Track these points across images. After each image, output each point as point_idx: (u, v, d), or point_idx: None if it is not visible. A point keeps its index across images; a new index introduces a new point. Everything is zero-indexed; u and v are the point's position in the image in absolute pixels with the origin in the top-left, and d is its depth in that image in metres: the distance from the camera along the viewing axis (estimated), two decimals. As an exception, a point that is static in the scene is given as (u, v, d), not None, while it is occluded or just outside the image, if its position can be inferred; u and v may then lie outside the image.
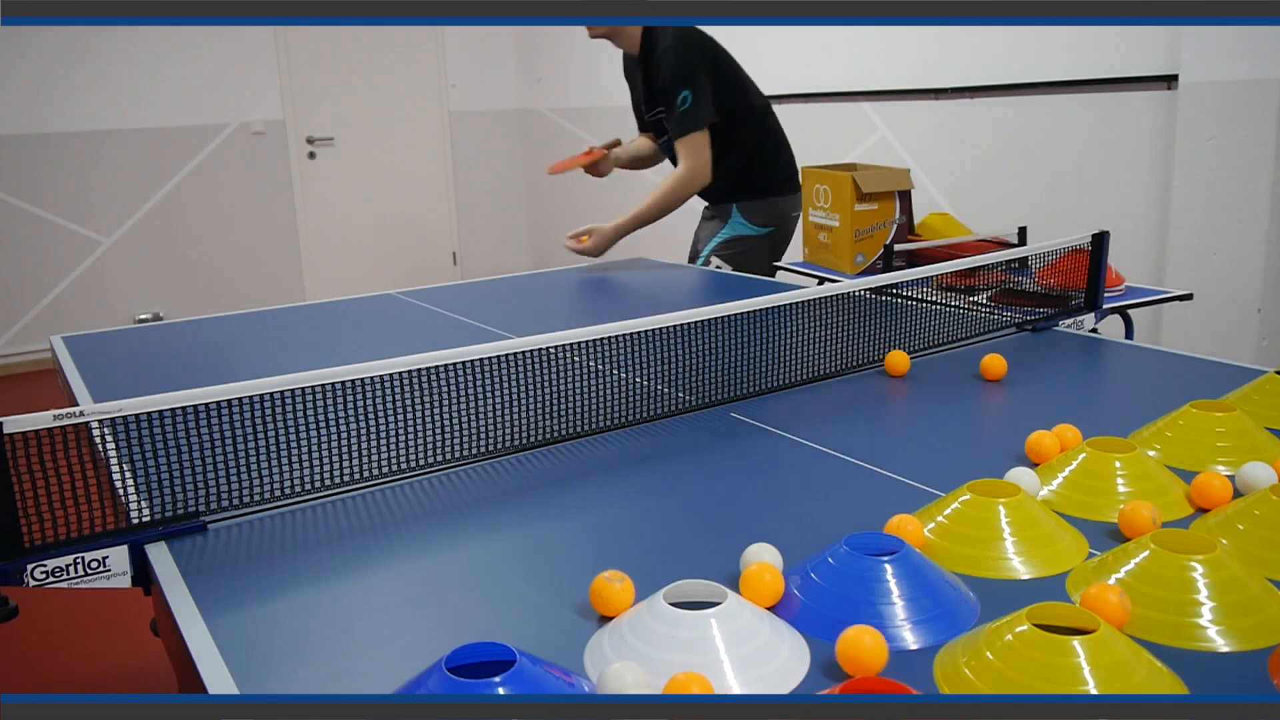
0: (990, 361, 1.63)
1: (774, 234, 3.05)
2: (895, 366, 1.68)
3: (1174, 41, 3.33)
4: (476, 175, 6.90)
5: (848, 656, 0.80)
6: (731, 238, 3.02)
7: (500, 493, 1.25)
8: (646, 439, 1.43)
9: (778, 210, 3.05)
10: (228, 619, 0.96)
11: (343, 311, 2.42)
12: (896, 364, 1.68)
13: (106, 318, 5.65)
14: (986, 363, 1.64)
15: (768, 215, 3.03)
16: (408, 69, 6.55)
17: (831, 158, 3.85)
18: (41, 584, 1.06)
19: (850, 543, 0.93)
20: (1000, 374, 1.62)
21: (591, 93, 6.12)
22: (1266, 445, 1.22)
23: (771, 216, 3.04)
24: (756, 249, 3.01)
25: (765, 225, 3.02)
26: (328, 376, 1.24)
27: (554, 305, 2.46)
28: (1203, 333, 3.36)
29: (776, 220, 3.05)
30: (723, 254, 3.01)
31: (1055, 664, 0.74)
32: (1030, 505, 1.04)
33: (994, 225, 3.68)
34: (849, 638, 0.80)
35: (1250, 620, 0.85)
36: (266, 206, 6.17)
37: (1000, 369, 1.62)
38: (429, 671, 0.76)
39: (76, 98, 5.51)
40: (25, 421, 1.05)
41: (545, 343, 1.40)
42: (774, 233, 3.05)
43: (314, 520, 1.18)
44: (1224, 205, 3.26)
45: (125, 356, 2.05)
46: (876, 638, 0.80)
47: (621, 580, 0.92)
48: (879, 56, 4.34)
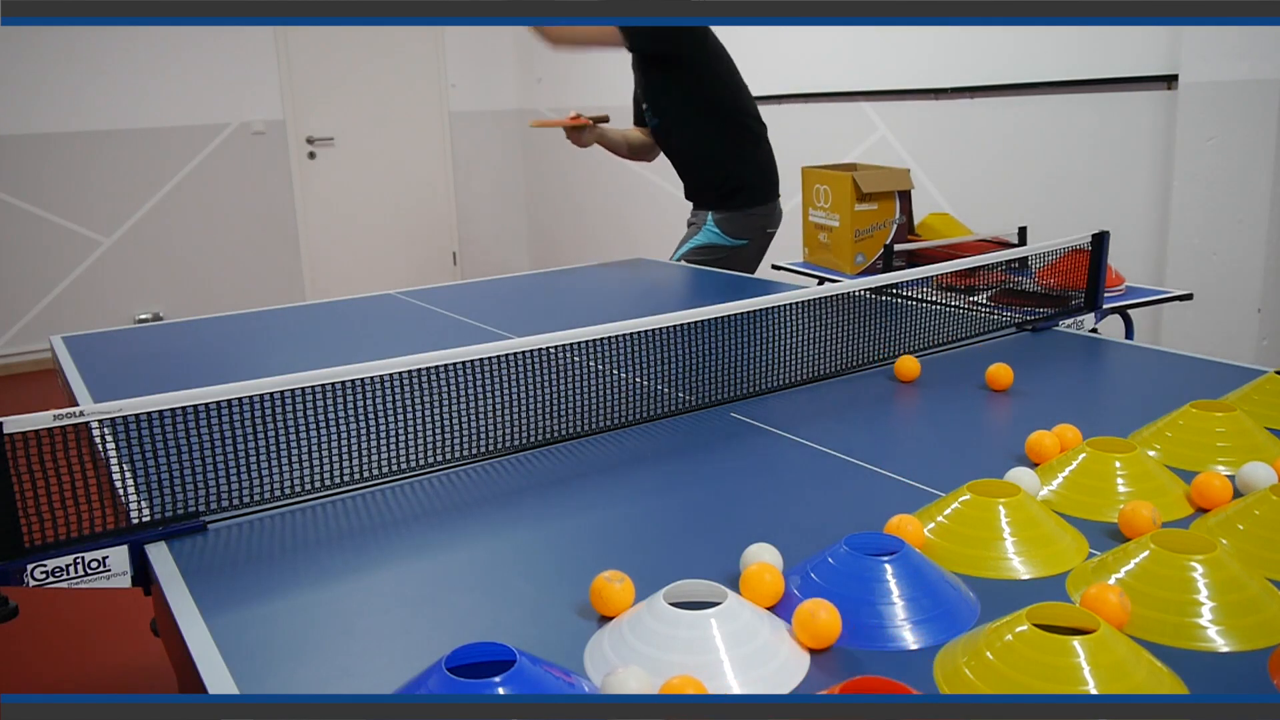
0: (997, 371, 1.58)
1: (746, 248, 3.03)
2: (905, 372, 1.64)
3: (1174, 41, 3.33)
4: (476, 175, 6.90)
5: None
6: (704, 245, 3.02)
7: (500, 493, 1.25)
8: (646, 439, 1.43)
9: (754, 224, 3.03)
10: (228, 619, 0.96)
11: (343, 311, 2.42)
12: (906, 369, 1.64)
13: (106, 318, 5.65)
14: (993, 372, 1.58)
15: (741, 227, 3.01)
16: (408, 69, 6.55)
17: (831, 158, 3.85)
18: (41, 584, 1.06)
19: (850, 543, 0.93)
20: (1006, 384, 1.57)
21: (592, 93, 6.12)
22: (1266, 445, 1.22)
23: (745, 229, 3.01)
24: (725, 261, 2.99)
25: (738, 237, 3.01)
26: (328, 376, 1.24)
27: (554, 305, 2.46)
28: (1203, 333, 3.36)
29: (750, 233, 3.02)
30: (693, 260, 3.01)
31: (1055, 664, 0.74)
32: (1030, 505, 1.04)
33: (994, 225, 3.68)
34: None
35: (1250, 620, 0.85)
36: (266, 206, 6.17)
37: (1006, 379, 1.57)
38: (429, 671, 0.76)
39: (76, 98, 5.51)
40: (25, 421, 1.05)
41: (545, 343, 1.40)
42: (746, 246, 3.02)
43: (314, 520, 1.18)
44: (1224, 205, 3.26)
45: (125, 356, 2.05)
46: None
47: (621, 580, 0.92)
48: (879, 56, 4.33)
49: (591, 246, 6.28)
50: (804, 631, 0.85)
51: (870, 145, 4.44)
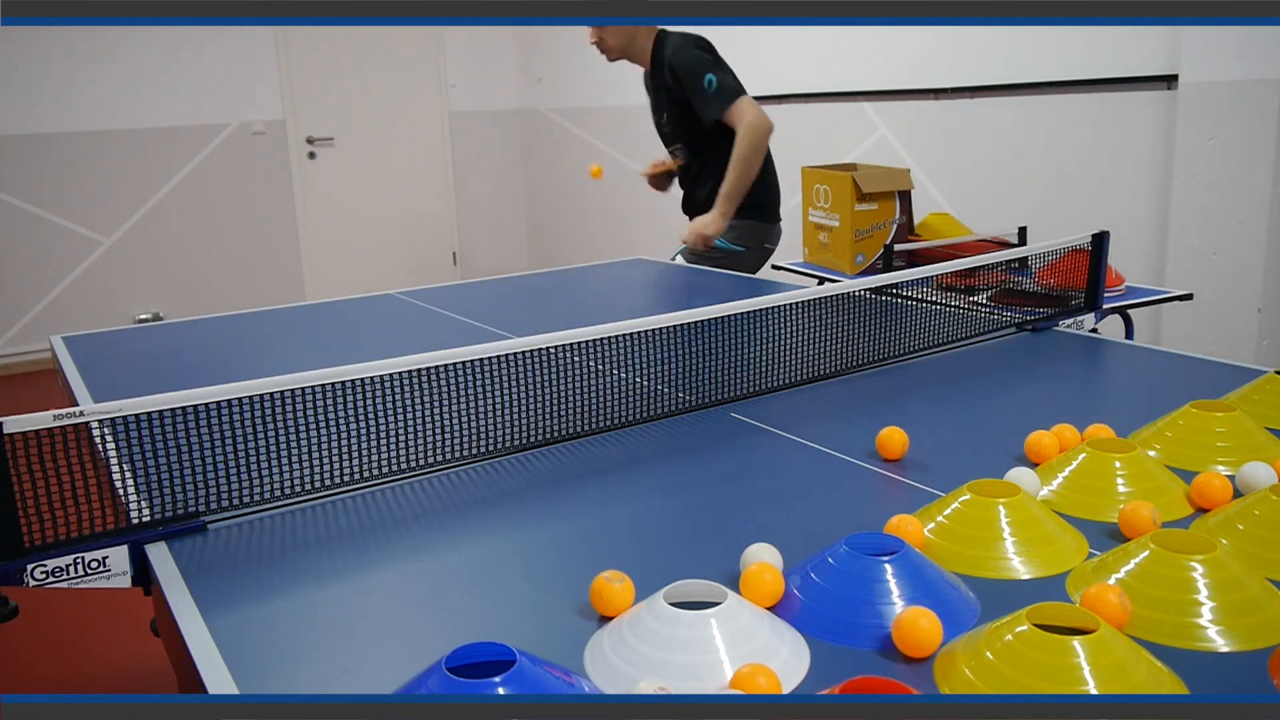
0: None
1: (744, 255, 3.02)
2: (889, 448, 1.31)
3: (1174, 41, 3.33)
4: (476, 175, 6.90)
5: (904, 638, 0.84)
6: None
7: (500, 493, 1.25)
8: (646, 439, 1.43)
9: (755, 235, 3.03)
10: (228, 619, 0.96)
11: (343, 311, 2.42)
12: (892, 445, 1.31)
13: (106, 318, 5.65)
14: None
15: (741, 234, 3.00)
16: (408, 69, 6.55)
17: (831, 158, 3.85)
18: (41, 584, 1.06)
19: (850, 543, 0.93)
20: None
21: (591, 93, 6.12)
22: (1266, 445, 1.22)
23: (744, 236, 3.01)
24: (722, 264, 2.98)
25: (737, 243, 3.00)
26: (328, 376, 1.24)
27: (554, 305, 2.46)
28: (1203, 333, 3.36)
29: (750, 241, 3.02)
30: (691, 257, 3.00)
31: (1055, 664, 0.74)
32: (1030, 505, 1.04)
33: (994, 225, 3.68)
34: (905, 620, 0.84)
35: (1250, 620, 0.85)
36: (266, 206, 6.17)
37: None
38: (429, 671, 0.76)
39: (76, 98, 5.51)
40: (25, 421, 1.05)
41: (545, 343, 1.40)
42: (745, 253, 3.02)
43: (314, 520, 1.18)
44: (1224, 205, 3.26)
45: (125, 356, 2.05)
46: (932, 619, 0.83)
47: (621, 580, 0.92)
48: (879, 56, 4.33)
49: (591, 246, 6.28)
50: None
51: (870, 145, 4.43)
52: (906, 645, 0.83)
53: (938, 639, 0.83)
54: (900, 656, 0.84)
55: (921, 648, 0.83)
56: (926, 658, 0.83)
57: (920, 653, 0.83)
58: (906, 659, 0.84)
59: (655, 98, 3.10)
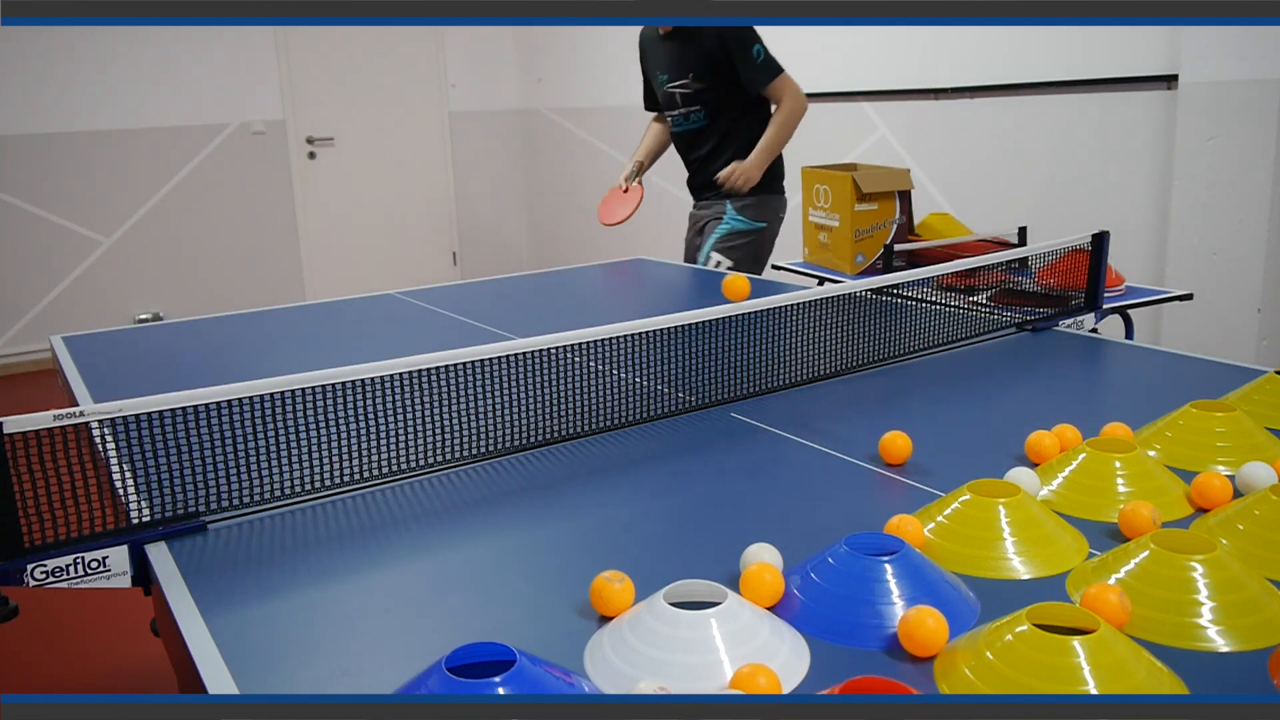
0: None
1: (765, 230, 3.08)
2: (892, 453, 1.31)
3: (1174, 41, 3.33)
4: (476, 175, 6.90)
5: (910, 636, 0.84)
6: (729, 232, 3.05)
7: (500, 493, 1.25)
8: (647, 439, 1.43)
9: (769, 207, 3.08)
10: (228, 619, 0.96)
11: (343, 311, 2.42)
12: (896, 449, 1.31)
13: (106, 318, 5.64)
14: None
15: (758, 212, 3.05)
16: (408, 69, 6.55)
17: (831, 158, 3.85)
18: (41, 584, 1.06)
19: (850, 543, 0.93)
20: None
21: (591, 93, 6.12)
22: (1266, 445, 1.22)
23: (762, 213, 3.05)
24: (753, 243, 3.03)
25: (758, 220, 3.04)
26: (328, 377, 1.24)
27: (554, 305, 2.46)
28: (1203, 333, 3.36)
29: (767, 217, 3.07)
30: (722, 248, 3.03)
31: (1055, 664, 0.74)
32: (1030, 505, 1.04)
33: (994, 225, 3.68)
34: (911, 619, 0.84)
35: (1250, 620, 0.85)
36: (266, 206, 6.17)
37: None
38: (429, 671, 0.76)
39: (76, 98, 5.51)
40: (25, 421, 1.05)
41: (545, 343, 1.40)
42: (766, 229, 3.08)
43: (314, 520, 1.18)
44: (1224, 205, 3.26)
45: (125, 356, 2.05)
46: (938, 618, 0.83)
47: (621, 580, 0.92)
48: (879, 56, 4.33)
49: (591, 246, 6.27)
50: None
51: (870, 145, 4.43)
52: (913, 644, 0.83)
53: (944, 638, 0.83)
54: (901, 656, 0.84)
55: (928, 647, 0.83)
56: (931, 657, 0.83)
57: (926, 652, 0.83)
58: (906, 659, 0.84)
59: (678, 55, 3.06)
